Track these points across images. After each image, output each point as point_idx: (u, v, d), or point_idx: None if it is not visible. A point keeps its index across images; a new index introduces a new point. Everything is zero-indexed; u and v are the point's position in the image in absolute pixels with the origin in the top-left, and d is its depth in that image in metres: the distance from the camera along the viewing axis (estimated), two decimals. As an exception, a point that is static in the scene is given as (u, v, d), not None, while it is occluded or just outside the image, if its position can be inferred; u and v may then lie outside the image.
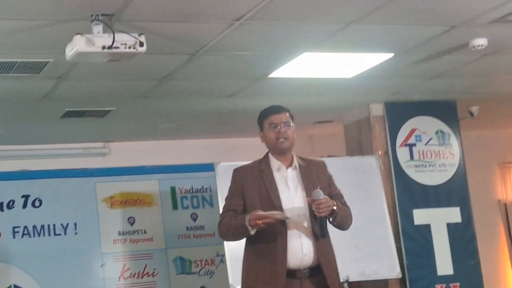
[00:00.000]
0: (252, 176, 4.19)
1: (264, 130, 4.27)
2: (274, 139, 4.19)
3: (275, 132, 4.20)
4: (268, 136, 4.23)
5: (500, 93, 7.75)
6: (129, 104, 6.83)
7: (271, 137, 4.20)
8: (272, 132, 4.21)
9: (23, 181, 7.65)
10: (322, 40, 5.46)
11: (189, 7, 4.51)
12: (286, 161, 4.23)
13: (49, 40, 4.81)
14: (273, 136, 4.20)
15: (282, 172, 4.20)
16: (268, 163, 4.23)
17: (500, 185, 9.86)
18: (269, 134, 4.22)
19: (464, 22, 5.29)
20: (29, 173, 7.69)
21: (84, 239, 7.78)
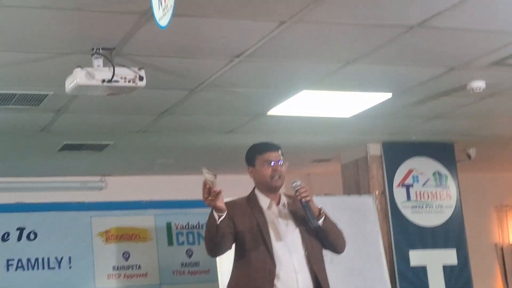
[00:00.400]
0: (241, 210, 4.10)
1: (256, 166, 4.20)
2: (269, 177, 4.12)
3: (271, 170, 4.13)
4: (262, 172, 4.16)
5: (498, 136, 7.77)
6: (127, 138, 6.84)
7: (265, 174, 4.13)
8: (267, 169, 4.14)
9: (19, 214, 7.62)
10: (321, 78, 5.49)
11: (189, 43, 4.54)
12: (275, 199, 4.18)
13: (50, 73, 4.84)
14: (268, 173, 4.13)
15: (272, 209, 4.15)
16: (257, 200, 4.16)
17: (496, 229, 9.83)
18: (263, 171, 4.15)
19: (462, 64, 5.33)
20: (25, 206, 7.66)
21: (78, 274, 7.73)
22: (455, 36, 4.73)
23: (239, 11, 4.10)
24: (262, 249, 3.99)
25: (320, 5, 4.11)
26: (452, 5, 4.22)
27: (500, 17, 4.46)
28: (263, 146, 4.26)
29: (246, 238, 4.02)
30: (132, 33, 4.27)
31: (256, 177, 4.20)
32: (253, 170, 4.23)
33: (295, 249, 4.05)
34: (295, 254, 4.03)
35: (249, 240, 4.01)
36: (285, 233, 4.07)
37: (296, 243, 4.07)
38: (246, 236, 4.02)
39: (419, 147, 7.93)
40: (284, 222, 4.11)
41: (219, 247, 4.02)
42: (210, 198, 3.92)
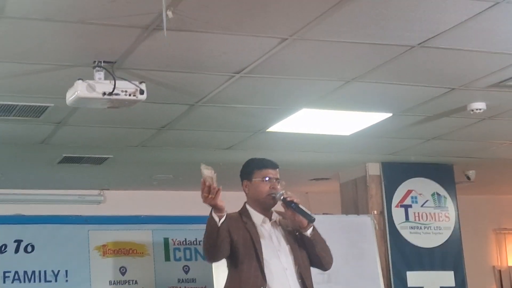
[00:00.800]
0: (236, 224, 4.03)
1: (253, 180, 4.14)
2: (266, 193, 4.07)
3: (269, 187, 4.08)
4: (259, 188, 4.09)
5: (498, 159, 7.77)
6: (127, 152, 6.84)
7: (262, 190, 4.08)
8: (265, 186, 4.08)
9: (17, 226, 7.60)
10: (321, 96, 5.50)
11: (190, 58, 4.55)
12: (268, 216, 4.14)
13: (51, 85, 4.85)
14: (265, 189, 4.07)
15: (266, 226, 4.10)
16: (249, 216, 4.10)
17: (495, 252, 9.81)
18: (261, 187, 4.09)
19: (463, 85, 5.35)
20: (23, 218, 7.64)
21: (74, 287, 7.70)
22: (456, 56, 4.74)
23: (241, 27, 4.12)
24: (254, 265, 3.96)
25: (321, 23, 4.13)
26: (453, 26, 4.24)
27: (501, 39, 4.48)
28: (263, 161, 4.22)
29: (240, 250, 3.97)
30: (134, 47, 4.28)
31: (252, 192, 4.14)
32: (248, 184, 4.17)
33: (288, 266, 4.03)
34: (289, 271, 4.02)
35: (242, 253, 3.97)
36: (278, 249, 4.05)
37: (289, 259, 4.05)
38: (240, 248, 3.98)
39: (418, 168, 7.92)
40: (276, 238, 4.09)
41: (219, 250, 3.91)
42: (211, 196, 3.77)
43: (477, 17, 4.12)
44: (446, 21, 4.17)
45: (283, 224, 4.14)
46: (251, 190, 4.14)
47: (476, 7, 3.99)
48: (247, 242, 4.00)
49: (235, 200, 9.14)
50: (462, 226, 8.03)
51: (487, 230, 9.74)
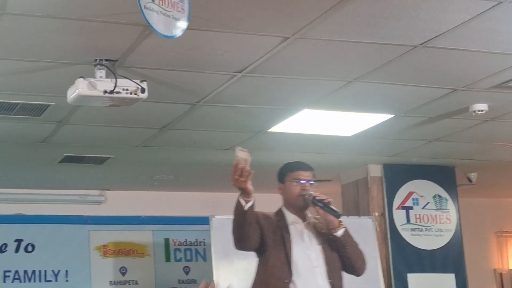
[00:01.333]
0: (268, 222, 4.10)
1: (285, 183, 4.20)
2: (296, 195, 4.14)
3: (299, 188, 4.14)
4: (290, 190, 4.16)
5: (500, 161, 7.75)
6: (128, 152, 6.83)
7: (293, 192, 4.15)
8: (296, 188, 4.15)
9: (17, 225, 7.61)
10: (323, 97, 5.49)
11: (192, 57, 4.54)
12: (302, 216, 4.20)
13: (52, 83, 4.84)
14: (296, 191, 4.14)
15: (297, 226, 4.17)
16: (283, 217, 4.18)
17: (496, 254, 9.79)
18: (292, 188, 4.16)
19: (465, 86, 5.33)
20: (23, 218, 7.65)
21: (74, 287, 7.69)
22: (458, 57, 4.73)
23: (242, 25, 4.11)
24: (282, 258, 4.02)
25: (323, 22, 4.11)
26: (455, 26, 4.23)
27: (504, 39, 4.47)
28: (295, 164, 4.27)
29: (269, 242, 4.03)
30: (135, 45, 4.28)
31: (284, 194, 4.22)
32: (282, 187, 4.23)
33: (318, 264, 4.08)
34: (318, 270, 4.06)
35: (270, 245, 4.03)
36: (309, 248, 4.11)
37: (320, 259, 4.09)
38: (269, 240, 4.04)
39: (420, 170, 7.91)
40: (308, 238, 4.15)
41: (247, 237, 3.94)
42: (242, 179, 3.79)
43: (480, 17, 4.11)
44: (449, 20, 4.16)
45: (318, 226, 4.20)
46: (284, 192, 4.22)
47: (479, 6, 3.98)
48: (277, 236, 4.06)
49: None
50: (464, 229, 8.01)
51: (488, 233, 9.71)
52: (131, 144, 6.58)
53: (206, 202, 8.63)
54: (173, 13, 3.45)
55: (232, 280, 6.89)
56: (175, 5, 3.46)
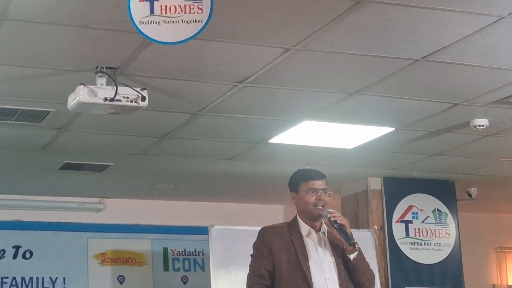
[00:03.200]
0: (281, 238, 4.09)
1: (299, 192, 4.13)
2: (312, 205, 4.08)
3: (315, 198, 4.09)
4: (305, 200, 4.10)
5: (500, 176, 7.74)
6: (128, 160, 6.82)
7: (309, 202, 4.09)
8: (311, 197, 4.09)
9: (16, 232, 7.61)
10: (323, 109, 5.49)
11: (193, 66, 4.55)
12: (316, 227, 4.16)
13: (53, 89, 4.84)
14: (312, 201, 4.08)
15: (312, 237, 4.14)
16: (298, 228, 4.14)
17: (495, 270, 9.76)
18: (307, 198, 4.10)
19: (466, 100, 5.33)
20: (22, 224, 7.64)
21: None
22: (459, 71, 4.73)
23: (244, 36, 4.12)
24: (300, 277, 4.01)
25: (325, 34, 4.12)
26: (457, 40, 4.23)
27: (505, 55, 4.47)
28: (309, 172, 4.20)
29: (284, 267, 4.04)
30: (137, 53, 4.28)
31: (299, 204, 4.16)
32: (296, 196, 4.16)
33: (331, 277, 4.05)
34: (331, 282, 4.04)
35: (287, 270, 4.03)
36: (323, 260, 4.09)
37: (333, 271, 4.07)
38: (284, 265, 4.04)
39: (420, 184, 7.90)
40: (322, 249, 4.12)
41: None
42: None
43: (481, 32, 4.11)
44: (450, 35, 4.16)
45: (331, 236, 4.16)
46: (298, 202, 4.16)
47: (480, 21, 3.98)
48: (291, 256, 4.07)
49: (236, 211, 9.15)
50: (463, 244, 8.00)
51: (487, 249, 9.69)
52: (131, 153, 6.57)
53: (205, 212, 8.63)
54: (183, 17, 3.42)
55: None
56: (186, 8, 3.42)
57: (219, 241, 6.93)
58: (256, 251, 4.16)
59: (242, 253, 6.94)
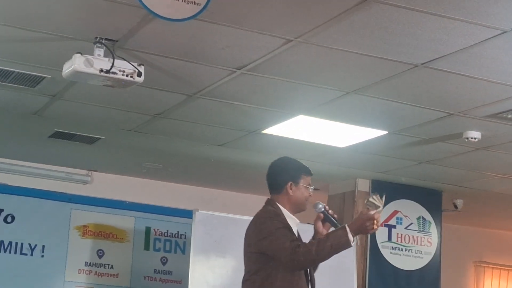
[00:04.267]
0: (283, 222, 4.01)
1: (299, 184, 4.09)
2: (305, 199, 4.09)
3: (309, 194, 4.11)
4: (302, 193, 4.08)
5: (487, 191, 7.76)
6: (119, 135, 6.80)
7: (304, 196, 4.08)
8: (307, 192, 4.10)
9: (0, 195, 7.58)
10: (319, 105, 5.48)
11: (193, 47, 4.53)
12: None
13: (50, 55, 4.81)
14: (306, 196, 4.09)
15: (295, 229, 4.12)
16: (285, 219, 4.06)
17: (472, 284, 9.79)
18: (305, 193, 4.09)
19: (461, 111, 5.34)
20: (6, 188, 7.60)
21: (49, 264, 7.67)
22: (457, 81, 4.73)
23: (247, 22, 4.10)
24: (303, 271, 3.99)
25: (328, 29, 4.11)
26: (458, 50, 4.23)
27: (504, 69, 4.48)
28: (308, 168, 4.19)
29: None
30: (138, 28, 4.26)
31: (294, 195, 4.09)
32: (294, 187, 4.09)
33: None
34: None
35: None
36: None
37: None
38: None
39: (407, 190, 7.91)
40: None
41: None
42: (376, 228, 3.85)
43: (483, 44, 4.11)
44: (452, 43, 4.16)
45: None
46: (295, 193, 4.09)
47: (483, 33, 3.98)
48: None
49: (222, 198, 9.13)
50: (443, 254, 8.02)
51: (467, 261, 9.71)
52: (123, 128, 6.55)
53: (191, 196, 8.61)
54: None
55: (207, 276, 6.88)
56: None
57: (202, 226, 6.93)
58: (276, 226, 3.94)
59: (224, 240, 6.97)
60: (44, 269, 7.57)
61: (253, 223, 4.05)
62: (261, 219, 4.00)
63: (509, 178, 7.16)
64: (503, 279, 9.84)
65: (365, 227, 3.81)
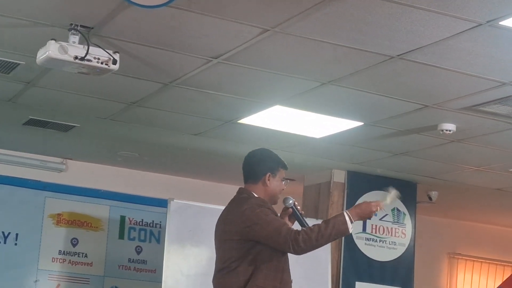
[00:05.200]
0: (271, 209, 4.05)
1: (276, 177, 4.12)
2: (279, 192, 4.14)
3: (283, 188, 4.16)
4: (277, 185, 4.12)
5: (461, 183, 7.81)
6: (94, 123, 6.75)
7: (279, 188, 4.13)
8: (282, 186, 4.15)
9: (-28, 182, 7.51)
10: (296, 95, 5.48)
11: (169, 36, 4.51)
12: None
13: (24, 42, 4.76)
14: (281, 189, 4.14)
15: None
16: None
17: (446, 275, 9.87)
18: (279, 185, 4.13)
19: (436, 103, 5.36)
20: (-21, 175, 7.55)
21: (22, 252, 7.62)
22: (433, 73, 4.75)
23: (224, 11, 4.09)
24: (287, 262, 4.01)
25: (305, 19, 4.10)
26: (434, 42, 4.25)
27: (479, 62, 4.50)
28: (285, 163, 4.23)
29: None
30: (113, 15, 4.22)
31: (271, 187, 4.12)
32: (271, 179, 4.12)
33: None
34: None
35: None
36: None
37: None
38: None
39: (382, 181, 7.91)
40: None
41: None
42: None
43: (458, 36, 4.13)
44: (428, 36, 4.17)
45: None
46: (271, 185, 4.12)
47: (459, 26, 4.00)
48: None
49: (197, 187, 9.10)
50: (417, 245, 8.07)
51: (441, 253, 9.78)
52: (99, 116, 6.51)
53: (167, 185, 8.59)
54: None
55: (181, 265, 6.87)
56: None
57: (177, 215, 6.92)
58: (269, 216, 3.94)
59: (199, 230, 6.96)
60: (17, 257, 7.51)
61: (237, 210, 4.01)
62: (248, 205, 3.97)
63: (483, 171, 7.21)
64: (476, 271, 9.94)
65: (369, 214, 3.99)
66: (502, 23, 3.93)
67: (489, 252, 9.91)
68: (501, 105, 5.21)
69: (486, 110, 5.37)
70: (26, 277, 7.59)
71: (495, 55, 4.37)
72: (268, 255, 3.92)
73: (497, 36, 4.10)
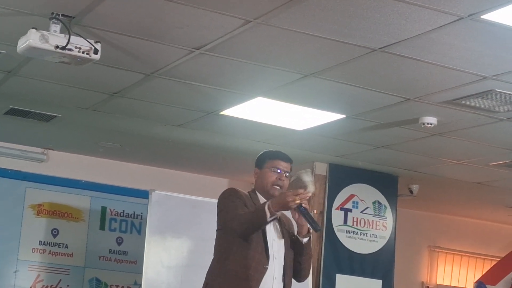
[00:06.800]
0: (249, 203, 4.07)
1: (263, 169, 4.14)
2: (271, 183, 4.09)
3: (276, 177, 4.10)
4: (266, 177, 4.11)
5: (442, 177, 7.85)
6: (76, 113, 6.72)
7: (269, 180, 4.10)
8: (272, 176, 4.10)
9: (-50, 172, 7.48)
10: (278, 87, 5.48)
11: (151, 26, 4.49)
12: None
13: (5, 30, 4.72)
14: (272, 179, 4.10)
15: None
16: (258, 200, 4.12)
17: (426, 268, 9.92)
18: (268, 176, 4.11)
19: (418, 97, 5.38)
20: (-41, 165, 7.51)
21: (2, 242, 7.61)
22: (414, 66, 4.76)
23: (207, 1, 4.08)
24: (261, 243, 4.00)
25: (287, 11, 4.10)
26: (415, 35, 4.26)
27: (460, 56, 4.52)
28: (276, 153, 4.25)
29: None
30: (95, 4, 4.20)
31: (259, 180, 4.16)
32: (258, 172, 4.17)
33: (278, 257, 4.08)
34: (277, 261, 4.07)
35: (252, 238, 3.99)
36: (273, 239, 4.09)
37: (280, 252, 4.10)
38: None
39: (364, 174, 7.97)
40: (274, 229, 4.12)
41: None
42: (298, 202, 3.87)
43: (440, 30, 4.14)
44: (410, 29, 4.18)
45: (283, 220, 4.17)
46: (259, 178, 4.16)
47: (440, 19, 4.01)
48: None
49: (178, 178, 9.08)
50: (398, 238, 8.11)
51: (421, 246, 9.83)
52: (80, 106, 6.47)
53: (148, 176, 8.57)
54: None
55: (162, 257, 6.86)
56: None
57: (158, 206, 6.91)
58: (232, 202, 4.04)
59: (179, 221, 6.96)
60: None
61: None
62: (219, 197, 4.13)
63: (464, 164, 7.25)
64: (456, 264, 10.00)
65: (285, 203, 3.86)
66: (484, 17, 3.95)
67: (469, 245, 9.98)
68: (482, 99, 5.23)
69: (467, 104, 5.39)
70: (6, 267, 7.59)
71: (476, 49, 4.39)
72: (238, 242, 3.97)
73: (478, 30, 4.12)
